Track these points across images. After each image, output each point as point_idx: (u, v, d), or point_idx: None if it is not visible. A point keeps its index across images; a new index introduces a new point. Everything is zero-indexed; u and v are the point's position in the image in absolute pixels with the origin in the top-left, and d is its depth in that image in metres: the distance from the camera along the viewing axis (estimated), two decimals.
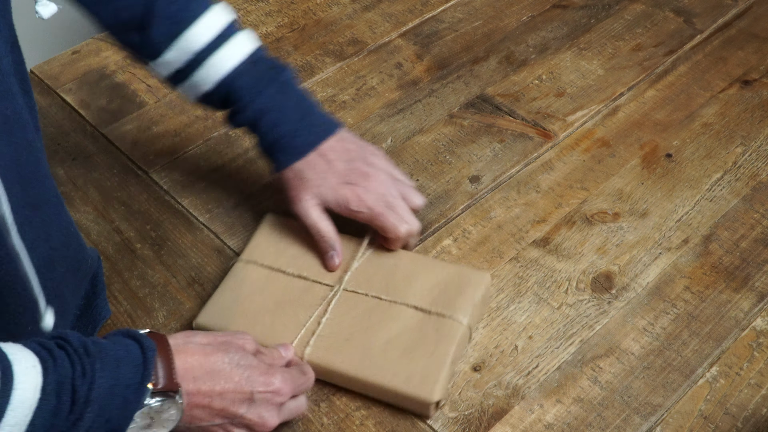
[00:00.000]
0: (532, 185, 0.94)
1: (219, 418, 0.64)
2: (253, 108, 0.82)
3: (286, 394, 0.67)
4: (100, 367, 0.57)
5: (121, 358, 0.59)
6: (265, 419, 0.66)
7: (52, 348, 0.57)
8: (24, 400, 0.54)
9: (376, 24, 1.16)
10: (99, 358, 0.58)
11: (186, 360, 0.62)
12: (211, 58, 0.81)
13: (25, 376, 0.54)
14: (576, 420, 0.73)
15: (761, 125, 1.00)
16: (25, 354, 0.56)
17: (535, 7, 1.18)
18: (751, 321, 0.80)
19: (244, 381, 0.64)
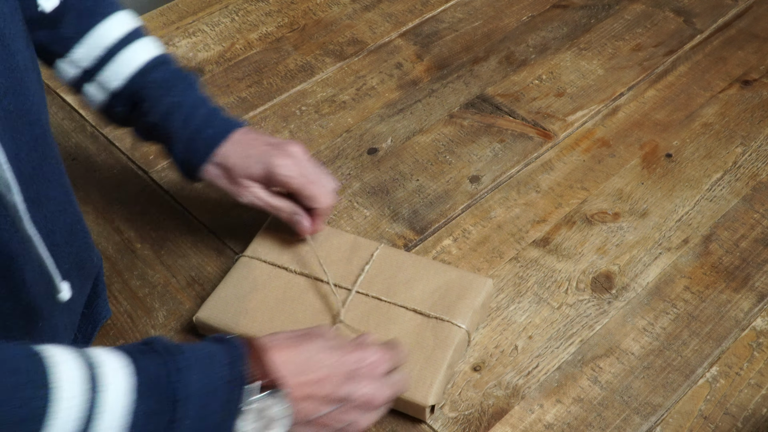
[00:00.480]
0: (532, 185, 0.94)
1: (327, 406, 0.62)
2: (167, 102, 0.80)
3: (384, 363, 0.65)
4: (194, 363, 0.56)
5: (214, 355, 0.57)
6: (373, 394, 0.64)
7: (140, 349, 0.56)
8: (117, 400, 0.52)
9: (376, 24, 1.16)
10: (191, 356, 0.56)
11: (278, 356, 0.61)
12: (123, 53, 0.79)
13: (115, 377, 0.53)
14: (576, 420, 0.73)
15: (761, 125, 1.00)
16: (111, 356, 0.54)
17: (535, 7, 1.18)
18: (751, 321, 0.80)
19: (338, 362, 0.63)
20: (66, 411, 0.50)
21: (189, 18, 1.18)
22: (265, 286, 0.80)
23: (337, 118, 1.03)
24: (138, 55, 0.80)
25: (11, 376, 0.49)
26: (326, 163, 0.97)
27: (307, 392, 0.61)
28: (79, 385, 0.51)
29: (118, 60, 0.79)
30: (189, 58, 1.11)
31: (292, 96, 1.06)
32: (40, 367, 0.51)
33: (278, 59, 1.11)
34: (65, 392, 0.50)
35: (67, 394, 0.50)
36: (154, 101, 0.80)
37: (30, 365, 0.50)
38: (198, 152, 0.80)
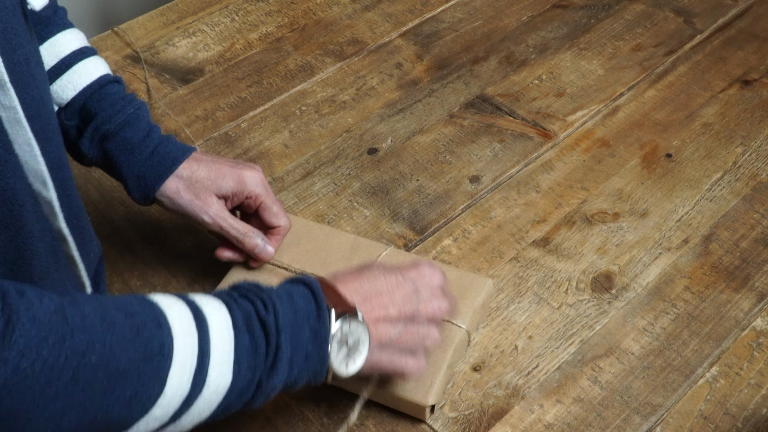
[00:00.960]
0: (532, 185, 0.94)
1: (401, 323, 0.65)
2: (127, 112, 0.77)
3: (438, 274, 0.69)
4: (278, 299, 0.59)
5: (292, 292, 0.60)
6: (438, 305, 0.67)
7: (228, 293, 0.59)
8: (222, 336, 0.55)
9: (376, 24, 1.16)
10: (273, 293, 0.59)
11: (344, 287, 0.64)
12: (79, 65, 0.77)
13: (215, 315, 0.56)
14: (576, 420, 0.73)
15: (761, 125, 1.00)
16: (207, 298, 0.58)
17: (535, 7, 1.18)
18: (751, 321, 0.80)
19: (399, 281, 0.66)
20: (184, 347, 0.53)
21: (189, 18, 1.18)
22: None
23: (337, 118, 1.03)
24: (94, 69, 0.78)
25: (132, 318, 0.52)
26: (326, 163, 0.97)
27: (379, 314, 0.64)
28: (189, 323, 0.55)
29: (73, 70, 0.77)
30: (189, 58, 1.11)
31: (292, 96, 1.06)
32: (154, 309, 0.54)
33: (278, 59, 1.11)
34: (179, 329, 0.54)
35: (182, 331, 0.54)
36: (112, 112, 0.77)
37: (145, 308, 0.54)
38: (161, 164, 0.77)
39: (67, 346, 0.48)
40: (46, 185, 0.58)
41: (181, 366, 0.53)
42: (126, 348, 0.50)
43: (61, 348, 0.48)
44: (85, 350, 0.49)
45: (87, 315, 0.50)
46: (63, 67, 0.77)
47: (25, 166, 0.57)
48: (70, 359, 0.48)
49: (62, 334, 0.48)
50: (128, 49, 1.13)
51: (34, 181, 0.58)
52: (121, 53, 1.12)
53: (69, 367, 0.48)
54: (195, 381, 0.54)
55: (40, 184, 0.58)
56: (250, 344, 0.57)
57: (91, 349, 0.49)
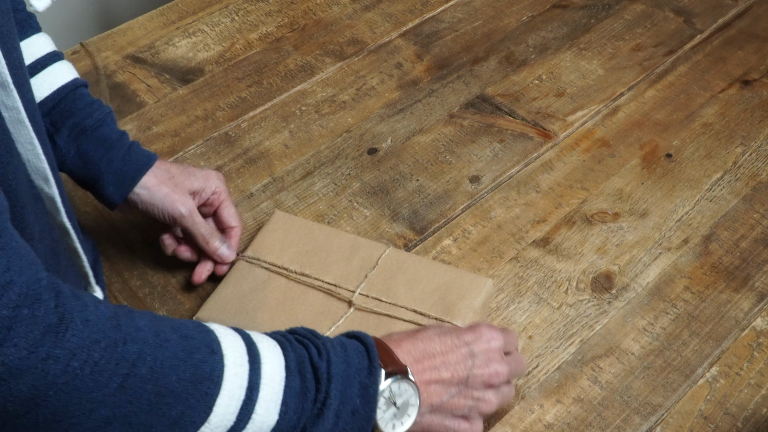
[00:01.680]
0: (532, 185, 0.94)
1: (454, 387, 0.64)
2: (104, 111, 0.79)
3: (499, 338, 0.67)
4: (332, 348, 0.59)
5: (346, 345, 0.60)
6: (495, 369, 0.65)
7: (283, 335, 0.60)
8: (273, 375, 0.56)
9: (376, 24, 1.16)
10: (328, 342, 0.59)
11: (399, 345, 0.63)
12: (52, 66, 0.78)
13: (269, 353, 0.57)
14: (576, 420, 0.73)
15: (761, 125, 1.00)
16: (262, 336, 0.58)
17: (535, 7, 1.18)
18: (751, 321, 0.80)
19: (455, 343, 0.65)
20: (234, 377, 0.54)
21: (189, 18, 1.18)
22: (265, 287, 0.79)
23: (337, 118, 1.03)
24: (68, 72, 0.79)
25: (186, 340, 0.52)
26: (326, 163, 0.97)
27: (433, 376, 0.63)
28: (242, 356, 0.55)
29: (48, 71, 0.78)
30: (189, 58, 1.11)
31: (292, 96, 1.06)
32: (209, 335, 0.54)
33: (278, 59, 1.11)
34: (232, 360, 0.54)
35: (234, 362, 0.54)
36: (89, 111, 0.78)
37: (200, 333, 0.54)
38: (139, 160, 0.79)
39: (119, 353, 0.48)
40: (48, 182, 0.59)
41: (229, 396, 0.53)
42: (177, 367, 0.51)
43: (113, 354, 0.48)
44: (136, 360, 0.49)
45: (141, 328, 0.50)
46: (38, 67, 0.77)
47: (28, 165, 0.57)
48: (120, 366, 0.48)
49: (114, 340, 0.48)
50: (129, 49, 1.13)
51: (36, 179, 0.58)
52: (122, 53, 1.12)
53: (118, 374, 0.48)
54: (241, 414, 0.54)
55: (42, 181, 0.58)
56: (300, 388, 0.56)
57: (142, 361, 0.49)
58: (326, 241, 0.83)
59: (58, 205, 0.61)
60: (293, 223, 0.84)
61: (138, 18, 1.18)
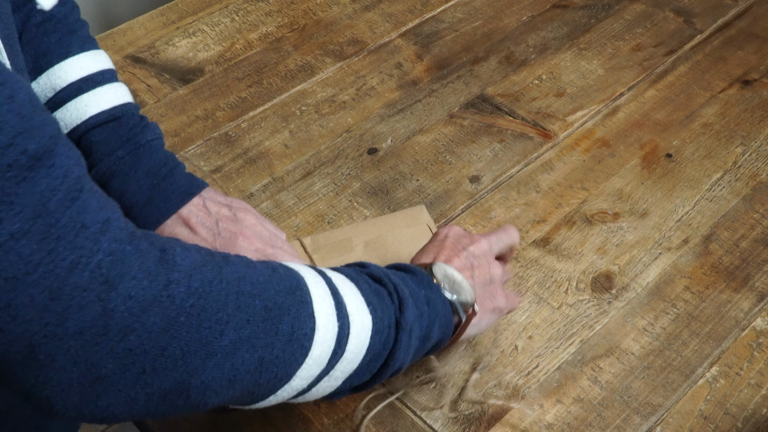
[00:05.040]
0: (532, 185, 0.94)
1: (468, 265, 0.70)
2: (101, 169, 0.75)
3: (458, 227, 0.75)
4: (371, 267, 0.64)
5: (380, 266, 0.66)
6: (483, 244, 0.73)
7: None
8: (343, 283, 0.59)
9: (376, 24, 1.16)
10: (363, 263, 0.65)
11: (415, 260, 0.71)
12: (73, 102, 0.74)
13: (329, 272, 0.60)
14: (576, 420, 0.73)
15: (761, 125, 1.00)
16: None
17: (535, 7, 1.18)
18: (751, 321, 0.80)
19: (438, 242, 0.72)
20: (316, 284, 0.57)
21: (189, 18, 1.18)
22: None
23: (337, 118, 1.03)
24: (86, 109, 0.75)
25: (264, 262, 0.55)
26: (326, 163, 0.97)
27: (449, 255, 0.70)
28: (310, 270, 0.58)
29: (65, 108, 0.74)
30: (189, 58, 1.11)
31: (292, 96, 1.06)
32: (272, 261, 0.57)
33: (278, 59, 1.11)
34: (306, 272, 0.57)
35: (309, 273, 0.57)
36: (92, 163, 0.75)
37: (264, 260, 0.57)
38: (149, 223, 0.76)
39: (224, 273, 0.50)
40: None
41: (321, 300, 0.55)
42: (270, 282, 0.53)
43: (220, 273, 0.49)
44: (239, 279, 0.50)
45: (228, 256, 0.52)
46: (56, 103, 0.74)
47: None
48: (231, 285, 0.50)
49: (216, 263, 0.50)
50: (129, 49, 1.13)
51: None
52: (122, 53, 1.12)
53: (231, 292, 0.49)
54: (340, 316, 0.56)
55: None
56: (371, 290, 0.60)
57: (244, 279, 0.51)
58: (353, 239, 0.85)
59: None
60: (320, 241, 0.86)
61: (138, 18, 1.18)
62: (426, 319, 0.63)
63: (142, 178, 0.75)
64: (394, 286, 0.61)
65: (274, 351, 0.51)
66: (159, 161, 0.76)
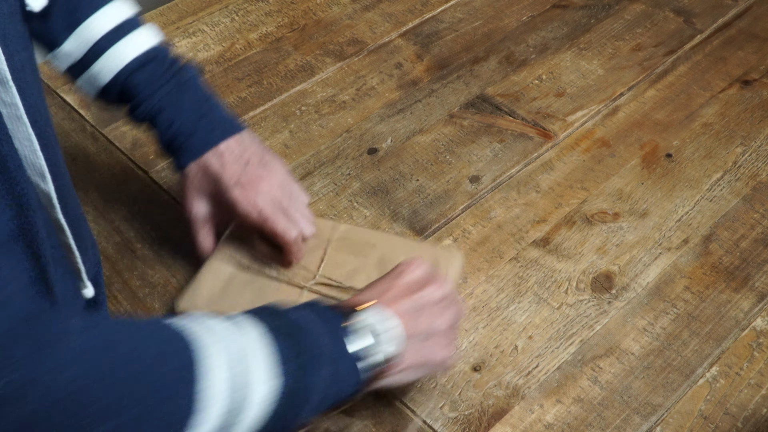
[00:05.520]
0: (532, 185, 0.94)
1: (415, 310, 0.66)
2: (149, 105, 0.80)
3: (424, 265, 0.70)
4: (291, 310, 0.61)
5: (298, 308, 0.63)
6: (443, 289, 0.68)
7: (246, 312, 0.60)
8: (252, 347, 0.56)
9: (376, 24, 1.16)
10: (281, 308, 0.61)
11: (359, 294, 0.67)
12: (110, 50, 0.79)
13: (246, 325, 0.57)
14: (576, 420, 0.73)
15: (761, 125, 1.00)
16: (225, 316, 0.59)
17: (535, 7, 1.18)
18: (751, 321, 0.80)
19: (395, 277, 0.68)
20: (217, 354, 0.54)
21: (189, 18, 1.18)
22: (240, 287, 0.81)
23: (337, 118, 1.03)
24: (125, 54, 0.79)
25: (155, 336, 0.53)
26: (326, 163, 0.97)
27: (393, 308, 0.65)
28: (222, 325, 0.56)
29: (105, 57, 0.79)
30: (189, 58, 1.11)
31: (292, 96, 1.06)
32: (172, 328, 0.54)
33: (278, 59, 1.11)
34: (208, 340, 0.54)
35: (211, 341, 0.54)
36: (140, 102, 0.80)
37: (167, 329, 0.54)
38: (176, 161, 0.81)
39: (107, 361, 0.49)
40: (44, 178, 0.59)
41: (214, 375, 0.53)
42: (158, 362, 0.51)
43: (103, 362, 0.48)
44: (124, 363, 0.49)
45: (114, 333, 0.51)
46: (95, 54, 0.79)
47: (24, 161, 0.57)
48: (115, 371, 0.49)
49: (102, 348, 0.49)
50: None
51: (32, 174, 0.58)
52: None
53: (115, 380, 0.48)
54: (235, 389, 0.54)
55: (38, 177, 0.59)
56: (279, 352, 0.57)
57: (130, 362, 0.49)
58: None
59: (54, 201, 0.61)
60: None
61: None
62: (333, 378, 0.60)
63: (188, 112, 0.80)
64: (305, 347, 0.58)
65: None
66: (202, 98, 0.81)
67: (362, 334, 0.62)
